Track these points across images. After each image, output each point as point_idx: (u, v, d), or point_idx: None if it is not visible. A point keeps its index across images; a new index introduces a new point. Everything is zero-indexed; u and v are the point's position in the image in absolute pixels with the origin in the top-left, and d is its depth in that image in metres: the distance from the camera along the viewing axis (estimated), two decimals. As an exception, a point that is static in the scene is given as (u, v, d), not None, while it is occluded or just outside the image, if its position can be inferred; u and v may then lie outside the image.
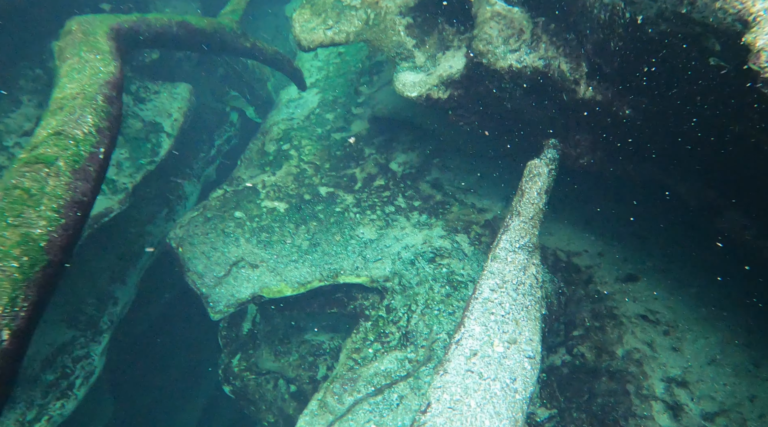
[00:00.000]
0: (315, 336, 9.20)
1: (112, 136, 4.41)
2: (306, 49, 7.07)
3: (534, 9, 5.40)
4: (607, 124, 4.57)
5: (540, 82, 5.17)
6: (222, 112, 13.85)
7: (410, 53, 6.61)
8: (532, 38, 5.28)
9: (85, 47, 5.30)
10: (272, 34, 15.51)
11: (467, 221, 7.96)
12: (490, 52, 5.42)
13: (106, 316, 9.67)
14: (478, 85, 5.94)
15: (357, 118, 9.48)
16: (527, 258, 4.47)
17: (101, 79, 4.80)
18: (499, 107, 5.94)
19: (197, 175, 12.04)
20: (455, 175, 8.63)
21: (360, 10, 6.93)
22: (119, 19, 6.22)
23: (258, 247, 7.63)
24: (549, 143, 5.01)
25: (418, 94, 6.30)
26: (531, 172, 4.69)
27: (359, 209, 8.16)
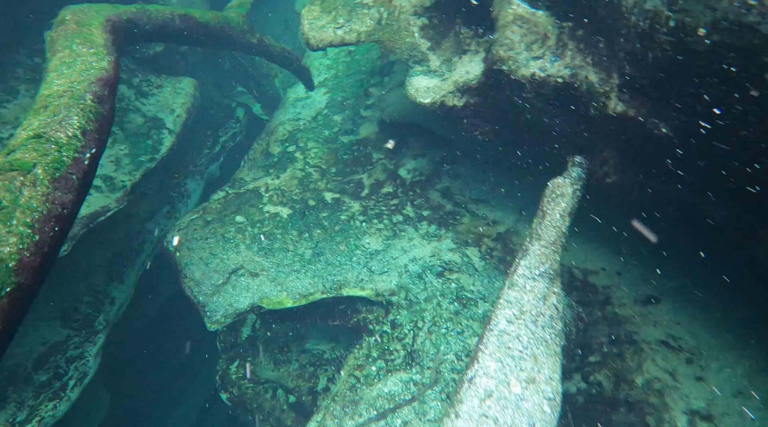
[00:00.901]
0: (316, 345, 8.85)
1: (101, 139, 4.05)
2: (314, 48, 6.70)
3: (560, 13, 5.01)
4: (640, 142, 4.18)
5: (565, 93, 4.78)
6: (228, 108, 13.49)
7: (424, 56, 6.22)
8: (557, 45, 4.89)
9: (78, 39, 4.94)
10: (281, 28, 15.16)
11: (478, 233, 7.58)
12: (512, 58, 5.03)
13: (102, 315, 9.35)
14: (496, 94, 5.55)
15: (366, 120, 9.10)
16: (548, 286, 4.09)
17: (92, 75, 4.44)
18: (518, 118, 5.55)
19: (200, 172, 11.69)
20: (467, 185, 8.25)
21: (373, 8, 6.55)
22: (117, 10, 5.86)
23: (259, 254, 7.27)
24: (574, 161, 4.62)
25: (432, 101, 5.91)
26: (554, 193, 4.31)
27: (365, 218, 7.79)
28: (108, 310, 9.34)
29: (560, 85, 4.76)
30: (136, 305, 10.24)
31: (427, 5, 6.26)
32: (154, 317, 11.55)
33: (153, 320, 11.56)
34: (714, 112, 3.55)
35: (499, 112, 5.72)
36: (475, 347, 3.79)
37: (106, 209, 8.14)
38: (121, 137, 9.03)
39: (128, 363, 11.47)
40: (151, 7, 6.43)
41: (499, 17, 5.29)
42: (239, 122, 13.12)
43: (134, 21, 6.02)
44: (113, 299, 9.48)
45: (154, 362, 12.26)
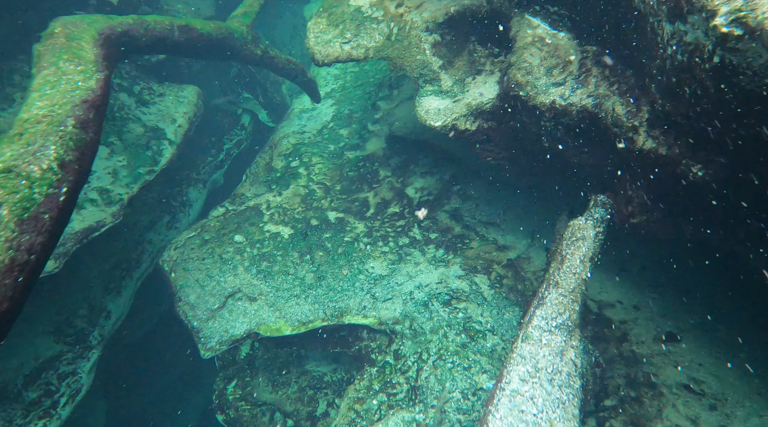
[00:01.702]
0: (317, 367, 8.50)
1: (83, 169, 3.72)
2: (320, 63, 6.36)
3: (583, 35, 4.63)
4: (670, 183, 3.80)
5: (588, 124, 4.40)
6: (233, 115, 13.16)
7: (436, 75, 5.86)
8: (580, 70, 4.51)
9: (66, 55, 4.62)
10: (290, 34, 14.83)
11: (488, 259, 7.20)
12: (530, 83, 4.66)
13: (97, 330, 9.03)
14: (512, 119, 5.18)
15: (373, 135, 8.75)
16: (565, 340, 3.72)
17: (77, 96, 4.11)
18: (535, 146, 5.18)
19: (203, 180, 11.37)
20: (476, 206, 7.87)
21: (382, 23, 6.19)
22: (111, 21, 5.53)
23: (257, 277, 6.93)
24: (597, 200, 4.25)
25: (443, 124, 5.55)
26: (574, 235, 3.94)
27: (370, 240, 7.43)
28: (103, 324, 9.03)
29: (583, 116, 4.38)
30: (135, 315, 9.95)
31: (439, 21, 5.89)
32: (154, 326, 11.27)
33: (152, 328, 11.28)
34: (761, 157, 3.17)
35: (515, 138, 5.34)
36: (484, 409, 3.41)
37: (101, 224, 7.83)
38: (119, 148, 8.73)
39: (126, 372, 11.19)
40: (149, 17, 6.10)
41: (517, 38, 4.92)
42: (245, 129, 12.79)
43: (130, 33, 5.70)
44: (109, 312, 9.18)
45: (153, 370, 11.97)
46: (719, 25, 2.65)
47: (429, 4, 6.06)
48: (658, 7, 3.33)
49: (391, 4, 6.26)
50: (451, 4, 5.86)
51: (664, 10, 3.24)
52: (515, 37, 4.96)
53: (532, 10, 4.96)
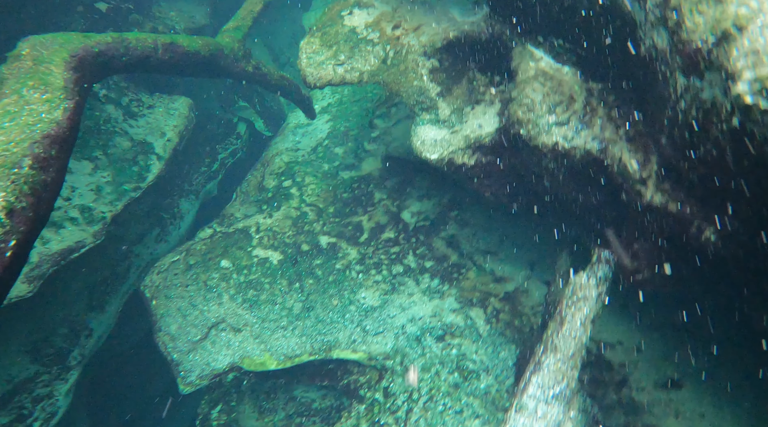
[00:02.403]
0: (305, 393, 8.16)
1: (39, 215, 3.40)
2: (311, 86, 6.03)
3: (589, 71, 4.31)
4: (679, 242, 3.47)
5: (592, 170, 4.07)
6: (229, 123, 12.83)
7: (433, 103, 5.53)
8: (584, 110, 4.18)
9: (32, 81, 4.30)
10: (288, 42, 14.52)
11: (484, 291, 6.88)
12: (531, 121, 4.33)
13: (77, 349, 8.69)
14: (512, 156, 4.85)
15: (369, 155, 8.43)
16: (563, 412, 3.39)
17: (38, 131, 3.80)
18: (536, 185, 4.85)
19: (196, 191, 11.03)
20: (474, 233, 7.54)
21: (378, 45, 5.87)
22: (87, 41, 5.21)
23: (243, 307, 6.61)
24: (601, 256, 3.92)
25: (439, 157, 5.23)
26: (575, 295, 3.61)
27: (363, 267, 7.11)
28: (84, 343, 8.70)
29: (587, 161, 4.06)
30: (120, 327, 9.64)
31: (438, 46, 5.57)
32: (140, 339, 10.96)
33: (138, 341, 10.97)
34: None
35: (515, 175, 5.02)
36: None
37: (81, 245, 7.51)
38: (104, 163, 8.41)
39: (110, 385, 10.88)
40: (130, 35, 5.78)
41: (518, 71, 4.59)
42: (240, 138, 12.46)
43: (108, 53, 5.38)
44: (91, 330, 8.84)
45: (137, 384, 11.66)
46: (742, 93, 2.32)
47: (427, 27, 5.73)
48: (671, 57, 3.00)
49: (387, 26, 5.94)
50: (450, 28, 5.54)
51: (678, 61, 2.91)
52: (517, 69, 4.64)
53: (534, 41, 4.63)
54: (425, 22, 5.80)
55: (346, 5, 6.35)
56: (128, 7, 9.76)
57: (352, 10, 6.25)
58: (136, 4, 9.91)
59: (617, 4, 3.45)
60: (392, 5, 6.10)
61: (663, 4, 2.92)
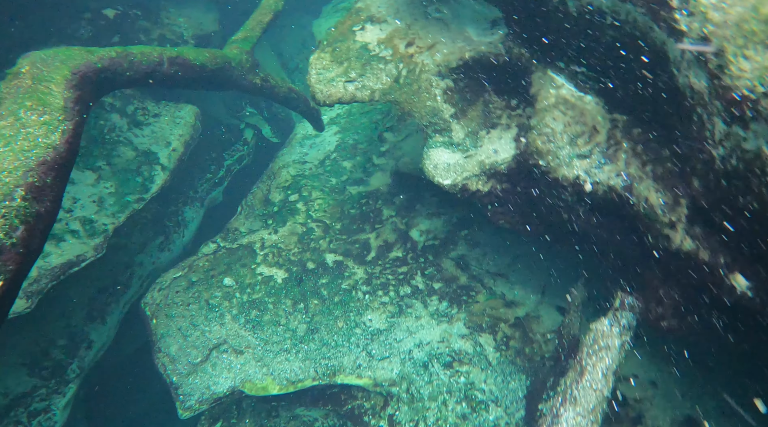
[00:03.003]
0: (307, 411, 7.95)
1: (31, 249, 3.22)
2: (321, 103, 5.84)
3: (613, 102, 4.08)
4: (711, 291, 3.25)
5: (616, 208, 3.85)
6: (236, 129, 12.65)
7: (446, 125, 5.33)
8: (608, 143, 3.97)
9: (30, 101, 4.12)
10: (298, 48, 14.34)
11: (494, 316, 6.66)
12: (551, 152, 4.12)
13: (76, 362, 8.51)
14: (529, 185, 4.63)
15: (378, 169, 8.22)
16: (583, 471, 3.17)
17: (34, 157, 3.61)
18: (553, 216, 4.63)
19: (201, 198, 10.85)
20: (484, 254, 7.32)
21: (390, 63, 5.66)
22: (90, 56, 5.03)
23: (245, 328, 6.42)
24: (624, 302, 3.70)
25: (452, 183, 5.02)
26: (596, 343, 3.40)
27: (369, 288, 6.91)
28: (83, 355, 8.52)
29: (610, 198, 3.83)
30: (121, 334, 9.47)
31: (453, 66, 5.36)
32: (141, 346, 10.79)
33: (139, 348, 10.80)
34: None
35: (531, 205, 4.80)
36: None
37: (81, 259, 7.34)
38: (107, 173, 8.25)
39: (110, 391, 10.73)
40: (135, 49, 5.60)
41: (538, 97, 4.38)
42: (247, 144, 12.27)
43: (111, 69, 5.20)
44: (91, 342, 8.67)
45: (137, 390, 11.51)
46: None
47: (442, 46, 5.52)
48: (710, 100, 2.78)
49: (400, 43, 5.73)
50: (466, 48, 5.33)
51: (718, 106, 2.70)
52: (536, 95, 4.42)
53: (555, 67, 4.42)
54: (440, 41, 5.59)
55: (358, 20, 6.15)
56: (136, 14, 9.61)
57: (365, 25, 6.05)
58: (144, 10, 9.75)
59: (650, 37, 3.24)
60: (406, 21, 5.90)
61: (704, 43, 2.70)
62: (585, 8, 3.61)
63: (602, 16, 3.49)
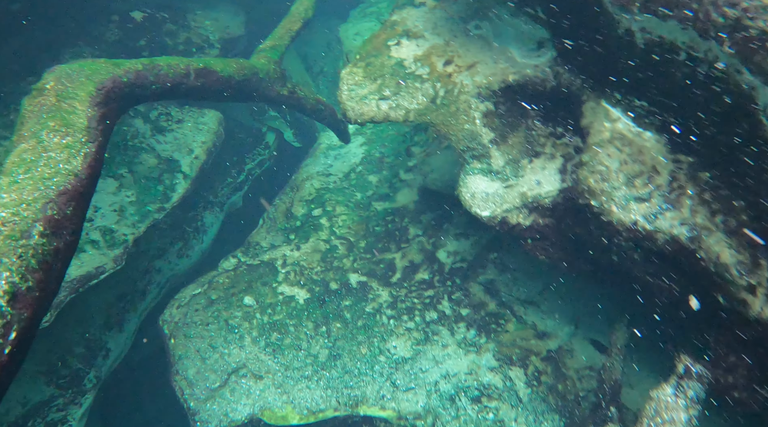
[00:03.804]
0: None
1: (46, 292, 2.98)
2: (352, 121, 5.57)
3: (677, 141, 3.75)
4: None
5: (679, 259, 3.52)
6: (258, 132, 12.41)
7: (485, 151, 5.02)
8: (671, 186, 3.64)
9: (53, 121, 3.90)
10: (323, 51, 14.07)
11: (525, 348, 6.35)
12: (605, 192, 3.80)
13: (93, 371, 8.33)
14: (575, 223, 4.32)
15: (405, 185, 7.94)
16: None
17: (54, 187, 3.38)
18: (601, 257, 4.31)
19: (221, 203, 10.62)
20: (515, 280, 7.00)
21: (427, 82, 5.37)
22: (116, 69, 4.81)
23: (266, 351, 6.18)
24: (691, 370, 3.36)
25: (491, 215, 4.71)
26: (659, 416, 3.07)
27: (394, 312, 6.63)
28: (100, 364, 8.35)
29: (673, 249, 3.51)
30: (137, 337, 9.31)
31: (494, 88, 5.05)
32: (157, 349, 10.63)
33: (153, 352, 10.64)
34: None
35: (577, 243, 4.48)
36: None
37: (101, 271, 7.15)
38: (128, 181, 8.05)
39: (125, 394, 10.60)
40: (161, 60, 5.37)
41: (590, 130, 4.06)
42: (268, 148, 12.04)
43: (138, 82, 4.97)
44: (108, 351, 8.49)
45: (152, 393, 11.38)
46: None
47: (483, 66, 5.22)
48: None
49: (438, 62, 5.43)
50: (509, 70, 5.01)
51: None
52: (588, 128, 4.10)
53: (611, 97, 4.09)
54: (481, 60, 5.29)
55: (394, 34, 5.86)
56: (163, 17, 9.41)
57: (400, 40, 5.77)
58: (172, 13, 9.55)
59: (735, 79, 2.91)
60: (444, 37, 5.60)
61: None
62: (655, 41, 3.29)
63: (675, 52, 3.17)
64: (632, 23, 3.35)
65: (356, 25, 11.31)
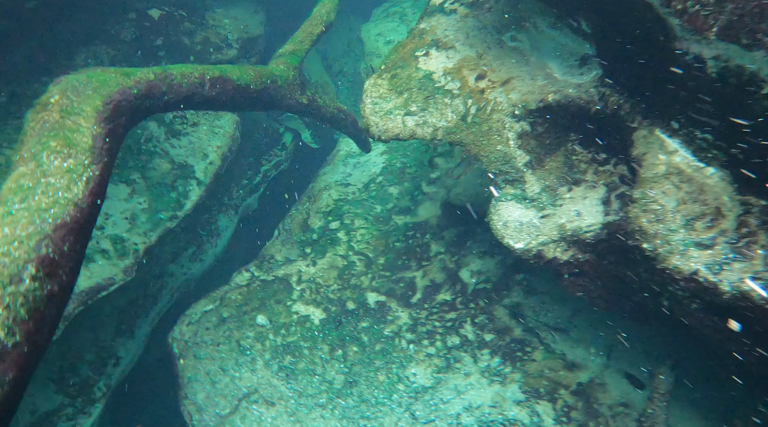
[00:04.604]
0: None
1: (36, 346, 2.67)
2: (375, 137, 5.21)
3: (746, 179, 3.33)
4: None
5: (749, 317, 3.12)
6: (275, 133, 12.10)
7: (520, 175, 4.63)
8: (738, 232, 3.23)
9: (55, 141, 3.58)
10: (343, 50, 13.70)
11: (554, 380, 5.97)
12: (660, 235, 3.40)
13: (103, 380, 8.09)
14: (621, 264, 3.92)
15: (427, 198, 7.56)
16: None
17: (52, 220, 3.07)
18: (649, 301, 3.91)
19: (236, 205, 10.34)
20: (542, 303, 6.62)
21: (458, 98, 4.98)
22: (127, 80, 4.48)
23: (278, 376, 5.87)
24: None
25: (525, 247, 4.33)
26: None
27: (414, 336, 6.28)
28: (110, 373, 8.11)
29: (741, 306, 3.11)
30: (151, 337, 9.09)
31: (531, 108, 4.65)
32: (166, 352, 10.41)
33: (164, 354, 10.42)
34: None
35: (621, 283, 4.08)
36: None
37: (110, 282, 6.89)
38: (141, 187, 7.77)
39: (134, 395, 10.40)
40: (175, 69, 5.03)
41: (642, 163, 3.65)
42: (285, 149, 11.72)
43: (149, 94, 4.65)
44: (119, 359, 8.25)
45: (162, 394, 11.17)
46: None
47: (519, 82, 4.81)
48: None
49: (470, 76, 5.04)
50: (548, 88, 4.61)
51: None
52: (640, 159, 3.69)
53: (667, 126, 3.68)
54: (516, 76, 4.88)
55: (422, 44, 5.47)
56: (181, 15, 9.09)
57: (429, 50, 5.38)
58: (190, 11, 9.23)
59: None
60: (477, 49, 5.20)
61: None
62: (732, 70, 2.88)
63: (756, 85, 2.77)
64: (704, 49, 2.94)
65: (379, 25, 10.92)
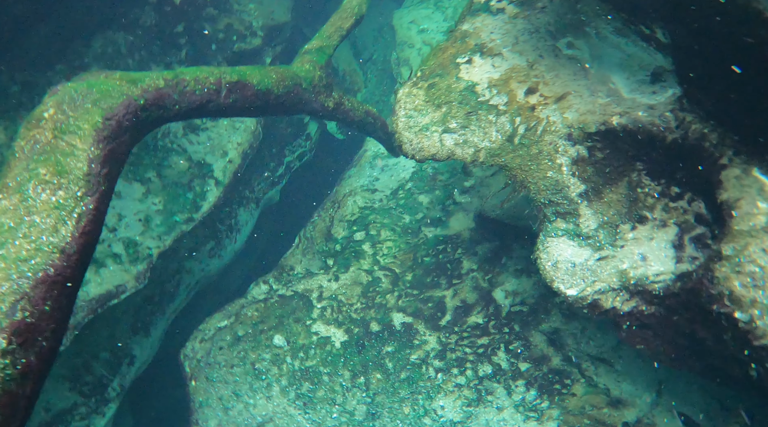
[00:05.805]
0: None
1: None
2: (408, 156, 4.66)
3: None
4: None
5: None
6: (299, 122, 11.55)
7: (573, 208, 4.05)
8: None
9: (45, 168, 3.13)
10: (374, 36, 13.03)
11: (596, 418, 5.44)
12: (757, 304, 2.81)
13: (117, 379, 7.83)
14: (697, 324, 3.34)
15: (460, 209, 7.00)
16: None
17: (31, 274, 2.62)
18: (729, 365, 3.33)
19: (257, 198, 9.88)
20: (583, 330, 6.05)
21: (504, 115, 4.38)
22: (133, 89, 3.99)
23: (295, 405, 5.45)
24: None
25: (579, 295, 3.77)
26: None
27: (443, 364, 5.79)
28: (125, 372, 7.85)
29: None
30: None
31: (591, 131, 4.04)
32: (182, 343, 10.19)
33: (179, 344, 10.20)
34: None
35: (694, 341, 3.50)
36: None
37: (122, 290, 6.54)
38: (156, 187, 7.34)
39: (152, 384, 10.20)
40: (189, 74, 4.52)
41: (734, 210, 3.05)
42: (309, 140, 11.17)
43: (157, 103, 4.16)
44: (133, 358, 7.97)
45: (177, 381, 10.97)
46: None
47: (576, 99, 4.19)
48: None
49: (519, 89, 4.43)
50: (612, 108, 3.99)
51: None
52: (730, 205, 3.09)
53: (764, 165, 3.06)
54: (574, 91, 4.26)
55: (464, 49, 4.86)
56: (203, 0, 8.53)
57: (472, 57, 4.77)
58: (214, 0, 8.67)
59: None
60: (527, 57, 4.58)
61: None
62: None
63: None
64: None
65: (412, 12, 10.24)
